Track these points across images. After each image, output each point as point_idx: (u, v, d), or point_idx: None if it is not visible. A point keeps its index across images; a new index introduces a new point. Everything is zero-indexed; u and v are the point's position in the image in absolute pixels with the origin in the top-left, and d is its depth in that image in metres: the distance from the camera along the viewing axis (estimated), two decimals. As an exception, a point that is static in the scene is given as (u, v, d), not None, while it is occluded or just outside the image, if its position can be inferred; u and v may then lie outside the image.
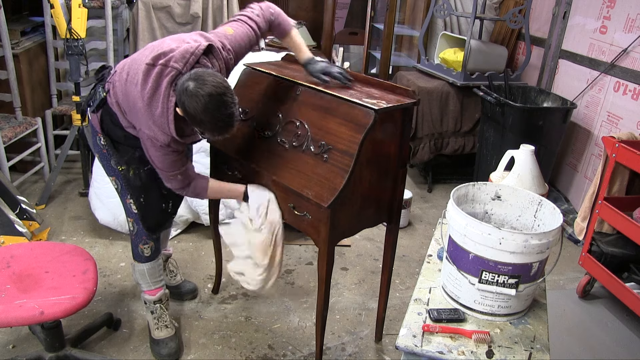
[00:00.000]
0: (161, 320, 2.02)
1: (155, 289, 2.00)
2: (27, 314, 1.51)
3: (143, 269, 1.96)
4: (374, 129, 1.55)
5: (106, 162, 1.86)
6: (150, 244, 1.93)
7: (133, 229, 1.92)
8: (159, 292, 2.01)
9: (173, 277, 2.35)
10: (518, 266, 1.34)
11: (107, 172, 1.89)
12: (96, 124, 1.79)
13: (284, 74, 1.88)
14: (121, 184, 1.86)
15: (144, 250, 1.94)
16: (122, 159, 1.81)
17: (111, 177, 1.89)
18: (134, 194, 1.85)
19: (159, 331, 2.01)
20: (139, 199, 1.86)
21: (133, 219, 1.90)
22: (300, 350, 2.08)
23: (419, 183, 3.80)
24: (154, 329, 2.01)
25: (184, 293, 2.35)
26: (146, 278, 1.97)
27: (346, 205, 1.62)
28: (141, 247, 1.93)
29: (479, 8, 3.68)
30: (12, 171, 3.07)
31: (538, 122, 2.97)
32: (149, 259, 1.95)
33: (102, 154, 1.86)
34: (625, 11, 2.92)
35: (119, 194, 1.91)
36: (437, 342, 1.32)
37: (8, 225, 2.39)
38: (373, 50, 4.88)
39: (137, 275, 1.98)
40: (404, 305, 2.38)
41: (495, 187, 1.60)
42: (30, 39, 3.31)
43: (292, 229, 2.86)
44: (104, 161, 1.87)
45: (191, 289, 2.37)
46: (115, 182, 1.88)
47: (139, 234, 1.92)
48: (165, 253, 2.31)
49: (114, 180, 1.89)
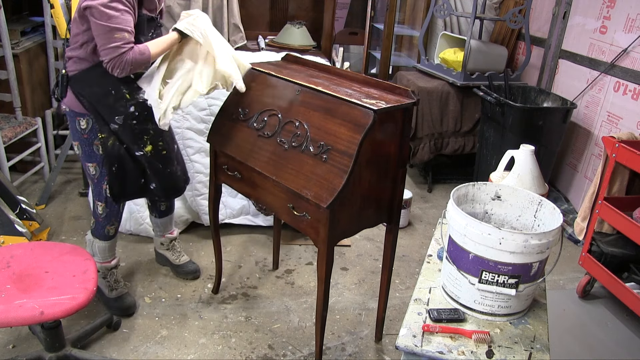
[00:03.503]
0: (116, 283, 2.22)
1: (111, 259, 2.21)
2: (27, 314, 1.51)
3: (105, 246, 2.15)
4: (373, 129, 1.55)
5: (87, 147, 1.97)
6: (115, 225, 2.13)
7: (102, 212, 2.08)
8: (114, 261, 2.22)
9: (179, 257, 2.48)
10: (518, 266, 1.34)
11: (87, 159, 2.00)
12: (74, 104, 1.91)
13: (284, 74, 1.88)
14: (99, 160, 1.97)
15: (110, 231, 2.13)
16: (105, 127, 1.93)
17: (91, 164, 1.99)
18: (108, 161, 1.97)
19: (115, 292, 2.21)
20: (112, 167, 1.98)
21: (104, 203, 2.06)
22: (300, 350, 2.08)
23: (419, 183, 3.80)
24: (108, 291, 2.20)
25: (187, 272, 2.47)
26: (105, 253, 2.17)
27: (346, 206, 1.62)
28: (108, 228, 2.12)
29: (479, 8, 3.68)
30: (12, 171, 3.07)
31: (538, 122, 2.97)
32: (112, 237, 2.15)
33: (82, 140, 1.97)
34: (625, 11, 2.92)
35: (94, 179, 2.02)
36: (437, 342, 1.32)
37: (8, 225, 2.39)
38: (373, 50, 4.88)
39: (96, 250, 2.15)
40: (404, 305, 2.38)
41: (495, 187, 1.60)
42: (30, 39, 3.32)
43: (292, 229, 2.87)
44: (84, 146, 1.98)
45: (193, 270, 2.49)
46: (94, 169, 2.00)
47: (108, 216, 2.09)
48: (170, 236, 2.46)
49: (93, 167, 2.00)
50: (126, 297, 2.22)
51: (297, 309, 2.32)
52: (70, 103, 1.92)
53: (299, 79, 1.82)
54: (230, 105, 1.99)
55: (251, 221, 2.87)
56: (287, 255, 2.73)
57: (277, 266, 2.61)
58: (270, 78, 1.91)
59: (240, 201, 2.80)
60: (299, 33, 3.71)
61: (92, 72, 1.87)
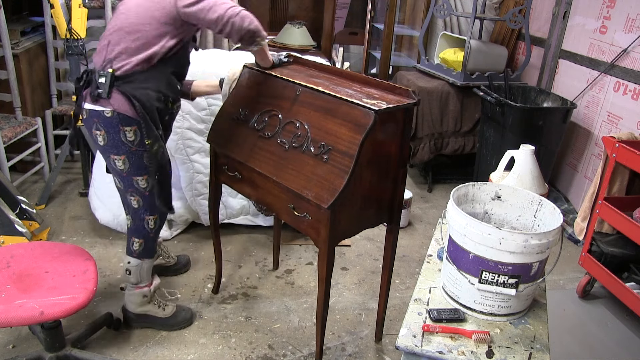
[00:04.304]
0: (163, 301, 2.12)
1: (152, 279, 2.09)
2: (27, 314, 1.51)
3: (150, 265, 2.02)
4: (374, 129, 1.55)
5: (137, 159, 1.81)
6: (159, 239, 2.05)
7: (154, 226, 1.96)
8: (155, 281, 2.10)
9: (168, 258, 2.46)
10: (518, 266, 1.34)
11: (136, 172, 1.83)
12: (124, 107, 1.73)
13: (284, 74, 1.88)
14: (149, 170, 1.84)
15: (154, 246, 2.02)
16: (152, 133, 1.80)
17: (141, 177, 1.85)
18: (155, 169, 1.86)
19: (167, 309, 2.11)
20: (156, 174, 1.87)
21: (157, 215, 1.95)
22: (300, 350, 2.08)
23: (419, 183, 3.80)
24: (159, 311, 2.09)
25: (181, 267, 2.49)
26: (149, 273, 2.03)
27: (346, 206, 1.62)
28: (157, 241, 2.02)
29: (479, 8, 3.68)
30: (12, 171, 3.07)
31: (538, 122, 2.97)
32: (154, 254, 2.04)
33: (130, 153, 1.80)
34: (625, 11, 2.92)
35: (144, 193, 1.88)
36: (437, 342, 1.32)
37: (8, 225, 2.39)
38: (373, 50, 4.88)
39: (144, 273, 2.01)
40: (404, 305, 2.38)
41: (495, 187, 1.60)
42: (30, 39, 3.31)
43: (292, 229, 2.87)
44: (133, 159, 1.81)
45: (186, 262, 2.52)
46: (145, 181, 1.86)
47: (158, 230, 1.99)
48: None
49: (144, 179, 1.85)
50: (179, 311, 2.14)
51: (297, 309, 2.32)
52: (119, 106, 1.73)
53: (299, 79, 1.82)
54: (230, 106, 1.99)
55: (251, 221, 2.87)
56: (287, 255, 2.73)
57: (277, 266, 2.61)
58: (270, 78, 1.91)
59: (240, 201, 2.80)
60: (299, 33, 3.71)
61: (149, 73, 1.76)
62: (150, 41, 1.73)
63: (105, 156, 1.86)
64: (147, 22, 1.71)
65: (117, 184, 1.92)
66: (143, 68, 1.74)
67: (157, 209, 1.94)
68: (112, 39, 1.74)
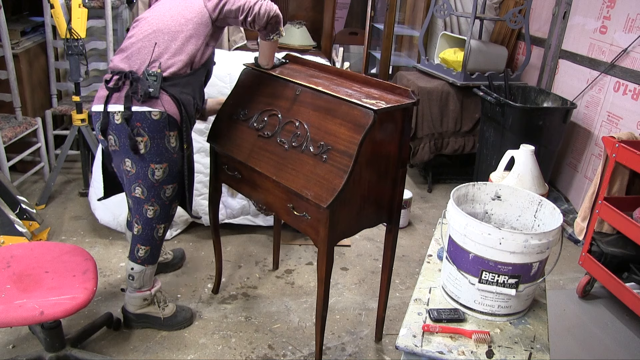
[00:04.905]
0: (164, 301, 2.11)
1: (155, 281, 2.09)
2: (27, 314, 1.51)
3: (152, 271, 2.02)
4: (373, 129, 1.55)
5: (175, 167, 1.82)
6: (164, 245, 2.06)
7: (163, 233, 1.95)
8: (156, 284, 2.09)
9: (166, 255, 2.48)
10: (518, 266, 1.34)
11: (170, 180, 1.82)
12: (173, 109, 1.72)
13: (284, 74, 1.88)
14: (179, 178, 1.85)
15: (158, 252, 2.00)
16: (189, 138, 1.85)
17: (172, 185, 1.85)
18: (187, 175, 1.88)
19: (167, 309, 2.10)
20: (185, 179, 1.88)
21: (167, 224, 1.95)
22: (300, 350, 2.08)
23: (419, 183, 3.80)
24: (160, 312, 2.08)
25: (178, 261, 2.52)
26: (151, 278, 2.04)
27: (346, 206, 1.62)
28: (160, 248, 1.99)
29: (479, 8, 3.68)
30: (12, 171, 3.07)
31: (538, 122, 2.97)
32: (157, 259, 2.03)
33: (172, 160, 1.78)
34: (625, 11, 2.92)
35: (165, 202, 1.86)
36: (437, 342, 1.32)
37: (8, 225, 2.39)
38: (373, 50, 4.88)
39: (147, 278, 2.01)
40: (404, 305, 2.38)
41: (495, 187, 1.60)
42: (30, 39, 3.31)
43: (292, 229, 2.87)
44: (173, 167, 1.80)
45: (181, 255, 2.55)
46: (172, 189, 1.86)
47: (163, 238, 1.98)
48: None
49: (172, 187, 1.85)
50: (179, 311, 2.14)
51: (297, 309, 2.32)
52: (169, 107, 1.71)
53: (299, 79, 1.82)
54: (230, 106, 1.99)
55: (251, 221, 2.87)
56: (287, 255, 2.73)
57: (277, 266, 2.61)
58: (270, 78, 1.91)
59: (240, 201, 2.80)
60: (299, 33, 3.72)
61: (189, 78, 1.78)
62: (189, 41, 1.76)
63: (141, 165, 1.75)
64: (182, 22, 1.75)
65: (139, 194, 1.82)
66: (186, 72, 1.76)
67: (170, 217, 1.93)
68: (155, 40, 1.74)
